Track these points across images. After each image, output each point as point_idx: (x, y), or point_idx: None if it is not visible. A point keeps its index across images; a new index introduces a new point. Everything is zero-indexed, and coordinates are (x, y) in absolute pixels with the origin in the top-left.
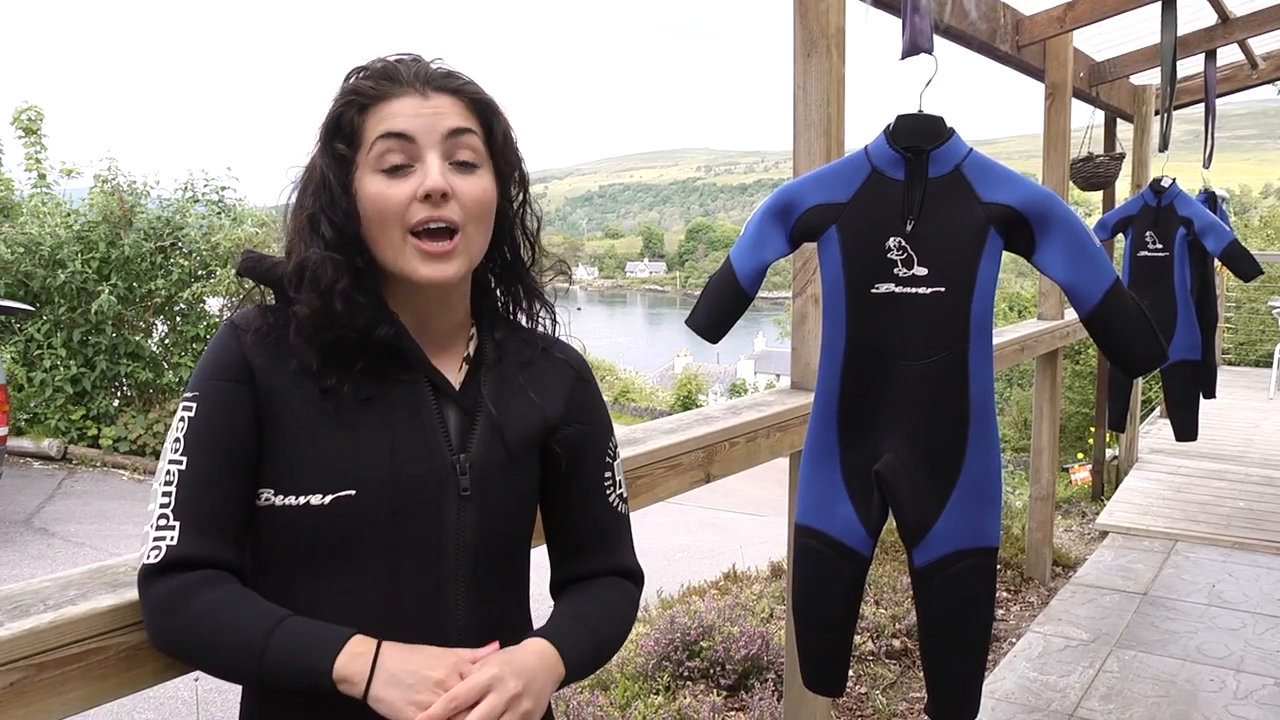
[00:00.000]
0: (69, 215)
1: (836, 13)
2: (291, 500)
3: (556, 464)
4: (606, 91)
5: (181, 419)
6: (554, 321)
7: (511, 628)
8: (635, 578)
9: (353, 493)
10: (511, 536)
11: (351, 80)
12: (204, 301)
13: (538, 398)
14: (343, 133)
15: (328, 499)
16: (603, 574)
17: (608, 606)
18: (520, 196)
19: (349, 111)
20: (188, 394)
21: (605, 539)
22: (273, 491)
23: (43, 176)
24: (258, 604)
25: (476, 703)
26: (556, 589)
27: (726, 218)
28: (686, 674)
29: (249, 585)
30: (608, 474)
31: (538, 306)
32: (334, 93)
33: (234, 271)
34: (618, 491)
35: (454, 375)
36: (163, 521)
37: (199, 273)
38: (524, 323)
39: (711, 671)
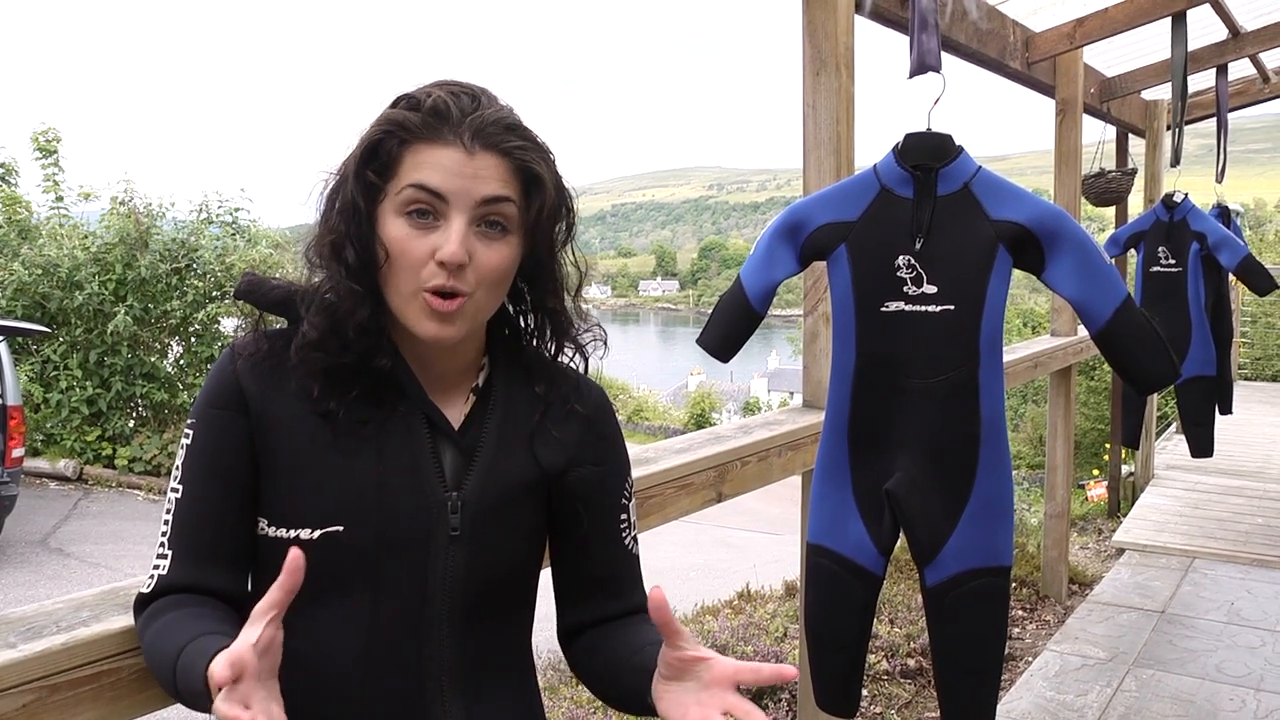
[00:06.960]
0: (86, 237)
1: (845, 32)
2: (283, 533)
3: (565, 508)
4: (618, 111)
5: (182, 447)
6: (585, 362)
7: (503, 664)
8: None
9: (339, 528)
10: (506, 577)
11: (399, 108)
12: (218, 322)
13: (546, 438)
14: (379, 161)
15: (315, 534)
16: (620, 616)
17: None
18: (554, 258)
19: (389, 142)
20: (188, 422)
21: (620, 582)
22: (266, 521)
23: (60, 198)
24: (188, 625)
25: None
26: (568, 635)
27: (739, 236)
28: None
29: (245, 612)
30: (623, 516)
31: (569, 349)
32: (379, 113)
33: (232, 294)
34: (632, 533)
35: (456, 411)
36: (160, 550)
37: (213, 294)
38: (550, 356)
39: None
